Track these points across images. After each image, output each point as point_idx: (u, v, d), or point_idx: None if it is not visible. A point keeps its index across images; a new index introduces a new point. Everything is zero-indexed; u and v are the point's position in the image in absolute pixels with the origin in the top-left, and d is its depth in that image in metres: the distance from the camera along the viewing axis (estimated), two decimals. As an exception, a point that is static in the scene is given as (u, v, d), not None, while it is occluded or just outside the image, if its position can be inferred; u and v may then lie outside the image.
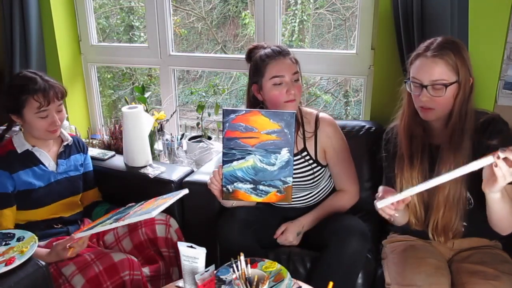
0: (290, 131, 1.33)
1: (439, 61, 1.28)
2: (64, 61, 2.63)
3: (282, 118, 1.33)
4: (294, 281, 1.34)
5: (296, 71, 1.56)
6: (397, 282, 1.38)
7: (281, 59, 1.55)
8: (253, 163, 1.37)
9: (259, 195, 1.41)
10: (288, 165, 1.36)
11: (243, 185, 1.40)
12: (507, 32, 1.72)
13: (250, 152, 1.36)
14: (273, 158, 1.36)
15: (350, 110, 4.82)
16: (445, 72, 1.28)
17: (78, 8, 2.63)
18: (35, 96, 1.54)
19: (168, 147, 2.37)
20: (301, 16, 4.61)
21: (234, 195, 1.42)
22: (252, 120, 1.34)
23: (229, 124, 1.34)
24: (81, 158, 1.81)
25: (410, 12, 1.75)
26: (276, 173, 1.37)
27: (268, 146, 1.35)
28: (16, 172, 1.59)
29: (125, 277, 1.45)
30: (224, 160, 1.38)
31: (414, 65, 1.33)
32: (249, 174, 1.39)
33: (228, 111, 1.34)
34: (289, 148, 1.35)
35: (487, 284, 1.27)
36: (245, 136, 1.35)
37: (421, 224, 1.44)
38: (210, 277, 1.20)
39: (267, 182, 1.39)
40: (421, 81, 1.30)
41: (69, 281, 1.44)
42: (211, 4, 4.95)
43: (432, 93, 1.29)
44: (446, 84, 1.28)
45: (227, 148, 1.36)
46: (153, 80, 4.74)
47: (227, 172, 1.39)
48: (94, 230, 1.43)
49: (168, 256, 1.64)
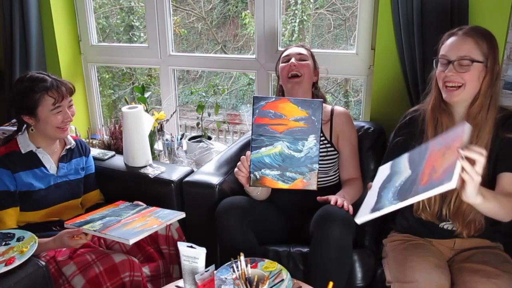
0: (317, 118, 1.38)
1: (469, 39, 1.30)
2: (64, 61, 2.63)
3: (310, 106, 1.38)
4: (294, 281, 1.34)
5: (303, 54, 1.77)
6: (398, 280, 1.38)
7: (291, 46, 1.86)
8: (280, 149, 1.40)
9: (285, 181, 1.44)
10: (315, 152, 1.41)
11: (270, 172, 1.43)
12: (507, 32, 1.72)
13: (278, 138, 1.40)
14: (300, 145, 1.41)
15: (350, 110, 4.82)
16: (473, 49, 1.29)
17: (78, 8, 2.63)
18: (49, 93, 1.56)
19: (168, 147, 2.37)
20: (301, 16, 4.62)
21: (261, 182, 1.44)
22: (281, 107, 1.38)
23: (259, 110, 1.37)
24: (82, 161, 1.81)
25: (410, 12, 1.75)
26: (303, 160, 1.41)
27: (296, 133, 1.39)
28: (18, 172, 1.60)
29: (125, 278, 1.45)
30: (253, 147, 1.40)
31: (444, 44, 1.35)
32: (277, 160, 1.42)
33: (258, 98, 1.37)
34: (316, 135, 1.40)
35: (488, 283, 1.27)
36: (274, 123, 1.39)
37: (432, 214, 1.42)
38: (210, 277, 1.20)
39: (294, 169, 1.42)
40: (449, 57, 1.31)
41: (69, 281, 1.44)
42: (211, 4, 4.95)
43: (458, 68, 1.30)
44: (473, 59, 1.29)
45: (256, 134, 1.40)
46: (153, 80, 4.74)
47: (255, 159, 1.41)
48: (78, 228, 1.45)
49: (168, 253, 1.65)
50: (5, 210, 1.57)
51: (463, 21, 1.69)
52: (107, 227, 1.45)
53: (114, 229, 1.44)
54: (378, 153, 1.84)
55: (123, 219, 1.52)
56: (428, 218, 1.43)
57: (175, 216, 1.53)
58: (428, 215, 1.43)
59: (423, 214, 1.43)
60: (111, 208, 1.64)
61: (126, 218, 1.54)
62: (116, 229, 1.44)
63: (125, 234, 1.40)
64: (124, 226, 1.46)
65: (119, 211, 1.61)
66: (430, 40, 1.74)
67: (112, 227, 1.45)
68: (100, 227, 1.45)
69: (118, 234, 1.41)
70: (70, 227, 1.47)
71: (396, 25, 1.83)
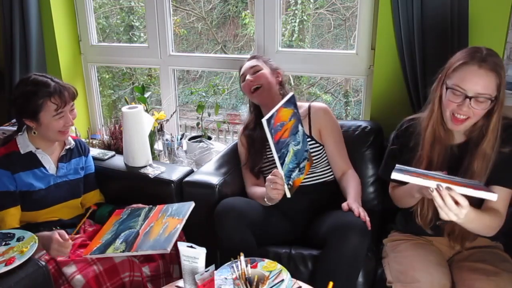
0: (296, 108, 1.53)
1: (491, 75, 1.24)
2: (64, 61, 2.63)
3: (290, 102, 1.50)
4: (294, 281, 1.34)
5: (255, 65, 1.84)
6: (399, 280, 1.38)
7: (245, 63, 1.91)
8: (293, 151, 1.48)
9: (302, 172, 1.54)
10: (304, 136, 1.57)
11: (294, 173, 1.49)
12: (507, 32, 1.72)
13: (288, 142, 1.46)
14: (297, 137, 1.52)
15: (350, 110, 4.82)
16: (491, 86, 1.24)
17: (78, 8, 2.63)
18: (52, 99, 1.56)
19: (168, 147, 2.37)
20: (301, 16, 4.61)
21: (294, 186, 1.48)
22: (281, 116, 1.44)
23: (273, 129, 1.38)
24: (82, 161, 1.81)
25: (410, 12, 1.75)
26: (302, 147, 1.55)
27: (293, 130, 1.49)
28: (17, 172, 1.60)
29: (125, 278, 1.45)
30: (281, 163, 1.41)
31: (459, 73, 1.28)
32: (294, 161, 1.49)
33: (268, 120, 1.35)
34: (299, 121, 1.54)
35: (487, 280, 1.28)
36: (282, 133, 1.44)
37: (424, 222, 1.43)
38: (210, 277, 1.20)
39: (302, 159, 1.54)
40: (466, 92, 1.25)
41: (69, 281, 1.44)
42: (211, 4, 4.95)
43: (474, 105, 1.26)
44: (491, 98, 1.25)
45: (278, 150, 1.40)
46: (153, 80, 4.74)
47: (286, 172, 1.43)
48: (105, 255, 1.45)
49: (168, 253, 1.64)
50: (7, 210, 1.57)
51: (463, 21, 1.69)
52: (132, 243, 1.47)
53: (141, 243, 1.45)
54: (376, 152, 1.85)
55: (140, 230, 1.53)
56: (421, 224, 1.44)
57: (188, 208, 1.56)
58: (421, 222, 1.44)
59: (416, 219, 1.44)
60: (116, 222, 1.63)
61: (142, 227, 1.55)
62: (143, 243, 1.46)
63: (157, 244, 1.42)
64: (148, 237, 1.48)
65: (127, 222, 1.60)
66: (430, 40, 1.74)
67: (137, 242, 1.47)
68: (126, 247, 1.46)
69: (150, 247, 1.43)
70: (94, 257, 1.45)
71: (396, 25, 1.83)
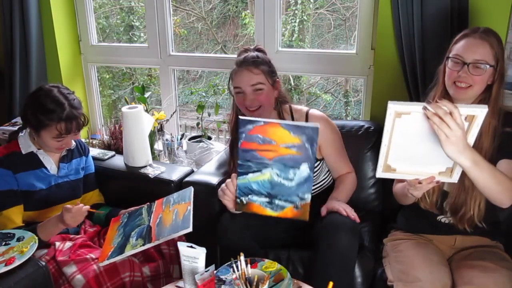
0: (312, 146, 1.22)
1: (485, 43, 1.32)
2: (64, 61, 2.64)
3: (303, 132, 1.21)
4: (294, 281, 1.34)
5: (257, 82, 1.56)
6: (400, 279, 1.39)
7: (241, 70, 1.58)
8: (269, 177, 1.29)
9: (274, 209, 1.33)
10: (307, 181, 1.27)
11: (258, 198, 1.33)
12: (507, 32, 1.72)
13: (267, 165, 1.27)
14: (292, 173, 1.27)
15: (350, 110, 4.82)
16: (487, 53, 1.31)
17: (78, 8, 2.63)
18: (57, 126, 1.54)
19: (168, 147, 2.37)
20: (301, 16, 4.61)
21: (248, 207, 1.36)
22: (271, 132, 1.24)
23: (246, 135, 1.25)
24: (82, 161, 1.81)
25: (410, 12, 1.75)
26: (294, 189, 1.29)
27: (287, 160, 1.25)
28: (19, 172, 1.60)
29: (125, 278, 1.45)
30: (239, 172, 1.30)
31: (459, 44, 1.36)
32: (265, 187, 1.31)
33: (244, 121, 1.24)
34: (310, 164, 1.25)
35: (486, 276, 1.28)
36: (262, 149, 1.26)
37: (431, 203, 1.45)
38: (210, 277, 1.20)
39: (284, 197, 1.31)
40: (464, 59, 1.33)
41: (69, 281, 1.44)
42: (211, 4, 4.95)
43: (472, 71, 1.32)
44: (488, 64, 1.31)
45: (243, 159, 1.28)
46: (153, 80, 4.74)
47: (241, 184, 1.33)
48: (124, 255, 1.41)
49: (168, 253, 1.65)
50: (10, 208, 1.58)
51: (463, 21, 1.69)
52: (149, 235, 1.42)
53: (159, 232, 1.41)
54: (377, 152, 1.84)
55: (151, 223, 1.50)
56: (427, 207, 1.46)
57: (190, 193, 1.52)
58: (427, 204, 1.46)
59: (421, 203, 1.46)
60: (119, 227, 1.60)
61: (152, 221, 1.51)
62: (161, 231, 1.41)
63: (176, 228, 1.38)
64: (163, 225, 1.45)
65: (132, 222, 1.58)
66: (430, 40, 1.74)
67: (153, 233, 1.42)
68: (143, 241, 1.41)
69: (172, 231, 1.38)
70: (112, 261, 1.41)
71: (396, 25, 1.83)
